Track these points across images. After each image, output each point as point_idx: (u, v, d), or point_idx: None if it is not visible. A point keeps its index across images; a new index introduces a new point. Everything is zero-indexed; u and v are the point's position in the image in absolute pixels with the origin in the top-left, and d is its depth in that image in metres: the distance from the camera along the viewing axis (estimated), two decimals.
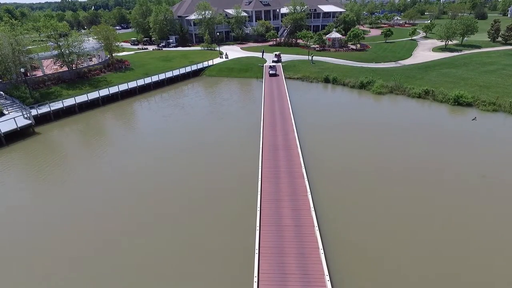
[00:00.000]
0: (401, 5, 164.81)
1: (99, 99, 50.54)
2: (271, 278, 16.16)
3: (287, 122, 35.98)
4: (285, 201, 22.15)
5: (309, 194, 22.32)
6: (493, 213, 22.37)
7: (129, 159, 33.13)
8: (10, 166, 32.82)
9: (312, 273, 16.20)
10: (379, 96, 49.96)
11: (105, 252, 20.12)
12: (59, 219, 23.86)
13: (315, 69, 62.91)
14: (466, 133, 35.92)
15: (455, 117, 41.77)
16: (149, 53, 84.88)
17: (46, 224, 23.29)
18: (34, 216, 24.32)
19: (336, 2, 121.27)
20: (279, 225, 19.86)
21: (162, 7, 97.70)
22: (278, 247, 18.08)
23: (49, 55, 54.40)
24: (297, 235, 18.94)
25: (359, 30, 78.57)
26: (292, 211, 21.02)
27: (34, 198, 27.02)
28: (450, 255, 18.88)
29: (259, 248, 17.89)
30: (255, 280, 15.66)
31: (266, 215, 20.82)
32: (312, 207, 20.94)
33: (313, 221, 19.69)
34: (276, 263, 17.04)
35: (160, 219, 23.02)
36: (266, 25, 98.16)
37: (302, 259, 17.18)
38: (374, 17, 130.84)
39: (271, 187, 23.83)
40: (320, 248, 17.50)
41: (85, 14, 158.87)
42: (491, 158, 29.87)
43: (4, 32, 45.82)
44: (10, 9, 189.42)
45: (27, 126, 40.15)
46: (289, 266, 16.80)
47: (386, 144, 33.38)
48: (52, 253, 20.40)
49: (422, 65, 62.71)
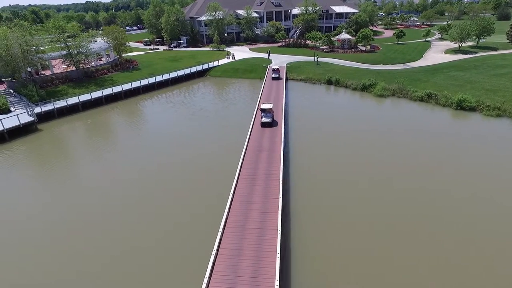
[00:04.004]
0: (420, 5, 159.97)
1: (102, 98, 51.99)
2: (223, 279, 16.12)
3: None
4: (256, 203, 22.03)
5: (280, 197, 22.10)
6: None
7: (120, 154, 34.12)
8: (9, 160, 34.37)
9: (264, 277, 16.05)
10: (380, 99, 48.83)
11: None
12: (56, 212, 24.98)
13: (319, 71, 62.21)
14: (464, 140, 34.56)
15: (455, 122, 40.32)
16: (159, 54, 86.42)
17: (42, 217, 24.38)
18: (32, 209, 25.41)
19: (351, 3, 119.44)
20: (244, 227, 19.78)
21: (174, 8, 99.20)
22: (238, 249, 18.01)
23: (57, 55, 56.41)
24: (259, 237, 18.81)
25: (368, 31, 76.95)
26: (260, 214, 20.89)
27: (28, 190, 28.21)
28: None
29: (218, 249, 17.89)
30: (205, 281, 15.67)
31: (234, 216, 20.80)
32: (279, 210, 20.72)
33: (277, 225, 19.49)
34: (232, 265, 16.98)
35: (128, 209, 23.51)
36: (277, 26, 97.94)
37: (257, 262, 17.04)
38: (390, 18, 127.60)
39: (246, 189, 23.77)
40: (277, 252, 17.31)
41: (105, 15, 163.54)
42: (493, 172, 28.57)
43: (14, 33, 47.90)
44: (35, 10, 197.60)
45: (30, 123, 41.75)
46: (243, 268, 16.71)
47: (376, 151, 32.35)
48: (52, 248, 21.25)
49: (430, 67, 60.78)
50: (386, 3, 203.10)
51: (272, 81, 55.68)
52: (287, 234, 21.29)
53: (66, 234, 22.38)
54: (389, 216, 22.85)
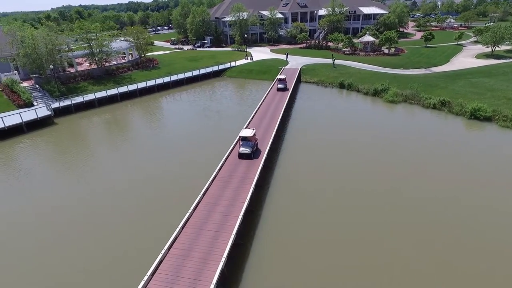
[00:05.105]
0: (460, 6, 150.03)
1: (117, 95, 54.66)
2: (165, 279, 16.46)
3: (270, 128, 35.42)
4: (222, 206, 22.17)
5: (246, 201, 22.08)
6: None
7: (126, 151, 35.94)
8: (24, 150, 37.49)
9: (202, 280, 16.18)
10: (391, 105, 46.80)
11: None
12: (64, 198, 27.05)
13: (333, 74, 60.82)
14: (470, 150, 32.30)
15: (465, 132, 37.73)
16: (181, 53, 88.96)
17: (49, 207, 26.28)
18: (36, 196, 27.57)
19: (381, 4, 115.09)
20: (202, 228, 20.01)
21: (200, 9, 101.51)
22: (188, 250, 18.28)
23: (81, 53, 60.04)
24: (211, 240, 18.96)
25: (392, 34, 73.84)
26: (221, 216, 21.01)
27: (35, 176, 30.57)
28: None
29: (168, 249, 18.29)
30: (145, 278, 16.11)
31: (197, 217, 21.09)
32: (240, 214, 20.73)
33: (232, 229, 19.53)
34: (177, 265, 17.29)
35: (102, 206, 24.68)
36: (300, 27, 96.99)
37: (202, 265, 17.21)
38: (423, 19, 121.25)
39: (217, 191, 23.98)
40: (223, 256, 17.38)
41: (140, 15, 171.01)
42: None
43: (40, 33, 51.72)
44: (80, 11, 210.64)
45: (47, 117, 44.91)
46: (186, 270, 16.95)
47: (371, 161, 30.90)
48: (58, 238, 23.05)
49: (453, 73, 57.15)
50: (428, 3, 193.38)
51: (277, 92, 49.19)
52: (249, 239, 21.28)
53: (75, 231, 23.95)
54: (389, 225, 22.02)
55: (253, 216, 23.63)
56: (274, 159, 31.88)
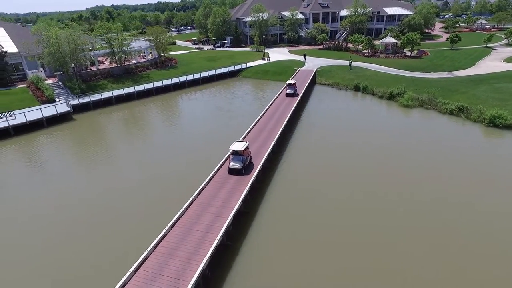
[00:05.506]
0: (494, 6, 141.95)
1: (134, 94, 56.35)
2: (147, 276, 16.81)
3: (274, 130, 35.25)
4: (214, 206, 22.34)
5: (238, 203, 22.14)
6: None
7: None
8: (44, 143, 39.62)
9: (183, 280, 16.38)
10: (406, 110, 45.27)
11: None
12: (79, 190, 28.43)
13: (349, 76, 59.61)
14: (483, 159, 30.71)
15: (484, 140, 35.85)
16: (201, 53, 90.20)
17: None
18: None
19: (406, 4, 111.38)
20: (191, 228, 20.26)
21: (221, 9, 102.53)
22: (174, 249, 18.57)
23: (102, 52, 62.35)
24: (199, 240, 19.15)
25: (415, 35, 71.31)
26: (212, 217, 21.18)
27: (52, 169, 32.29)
28: None
29: (155, 247, 18.68)
30: (127, 274, 16.53)
31: (189, 216, 21.38)
32: (230, 216, 20.81)
33: (220, 230, 19.64)
34: (161, 263, 17.61)
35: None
36: (321, 28, 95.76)
37: (185, 264, 17.42)
38: (452, 21, 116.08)
39: (213, 191, 24.18)
40: (205, 257, 17.53)
41: (165, 15, 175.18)
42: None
43: (64, 33, 54.21)
44: (110, 10, 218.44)
45: (66, 113, 47.02)
46: (169, 268, 17.22)
47: (382, 168, 29.75)
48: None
49: (477, 77, 54.43)
50: (461, 3, 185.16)
51: (285, 98, 46.80)
52: (240, 241, 21.33)
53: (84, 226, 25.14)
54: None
55: (248, 218, 23.64)
56: (276, 162, 31.73)
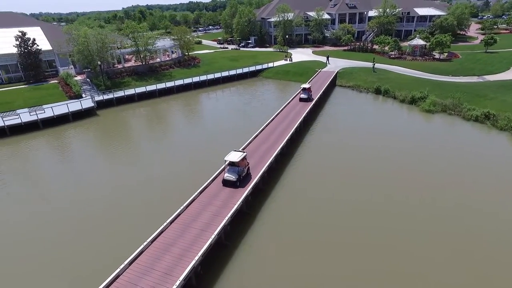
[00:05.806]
0: None
1: (156, 91, 58.08)
2: (139, 270, 17.33)
3: (286, 131, 35.02)
4: (215, 206, 22.60)
5: (237, 203, 22.28)
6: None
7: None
8: (67, 137, 41.81)
9: (173, 276, 16.75)
10: (427, 115, 43.43)
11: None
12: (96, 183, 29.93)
13: (371, 78, 58.02)
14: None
15: (510, 148, 33.68)
16: (224, 52, 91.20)
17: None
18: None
19: (439, 4, 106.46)
20: (189, 225, 20.64)
21: (246, 9, 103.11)
22: (169, 244, 19.01)
23: (128, 51, 64.77)
24: (194, 237, 19.49)
25: (445, 37, 68.12)
26: (210, 216, 21.45)
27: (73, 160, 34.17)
28: None
29: (152, 241, 19.22)
30: (121, 266, 17.12)
31: (188, 214, 21.80)
32: (228, 215, 20.99)
33: (215, 229, 19.87)
34: (155, 258, 18.08)
35: None
36: (347, 29, 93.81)
37: (177, 260, 17.78)
38: (490, 21, 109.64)
39: (215, 190, 24.49)
40: (197, 255, 17.82)
41: (194, 14, 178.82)
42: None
43: (92, 32, 56.85)
44: (142, 10, 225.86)
45: (90, 108, 49.33)
46: (162, 263, 17.67)
47: (395, 179, 28.32)
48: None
49: (509, 82, 51.09)
50: (503, 3, 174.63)
51: (298, 103, 44.54)
52: (237, 241, 21.49)
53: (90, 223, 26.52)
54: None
55: (249, 219, 23.72)
56: (284, 164, 31.55)
